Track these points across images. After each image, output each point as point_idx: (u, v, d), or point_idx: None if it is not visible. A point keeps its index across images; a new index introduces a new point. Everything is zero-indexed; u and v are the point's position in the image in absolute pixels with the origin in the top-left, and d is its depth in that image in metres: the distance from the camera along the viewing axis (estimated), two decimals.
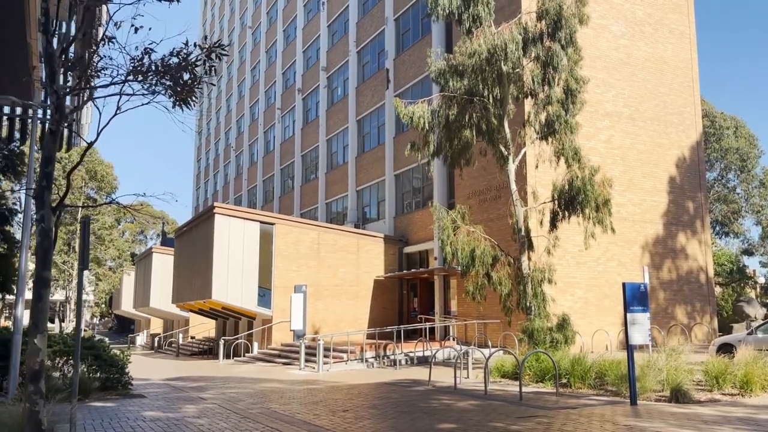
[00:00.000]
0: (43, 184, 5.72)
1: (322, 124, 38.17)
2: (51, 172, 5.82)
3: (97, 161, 41.12)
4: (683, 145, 26.06)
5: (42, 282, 5.60)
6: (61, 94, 5.73)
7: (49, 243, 5.83)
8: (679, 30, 27.01)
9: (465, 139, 17.07)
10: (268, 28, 50.22)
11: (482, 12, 16.30)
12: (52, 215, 5.98)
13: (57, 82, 5.71)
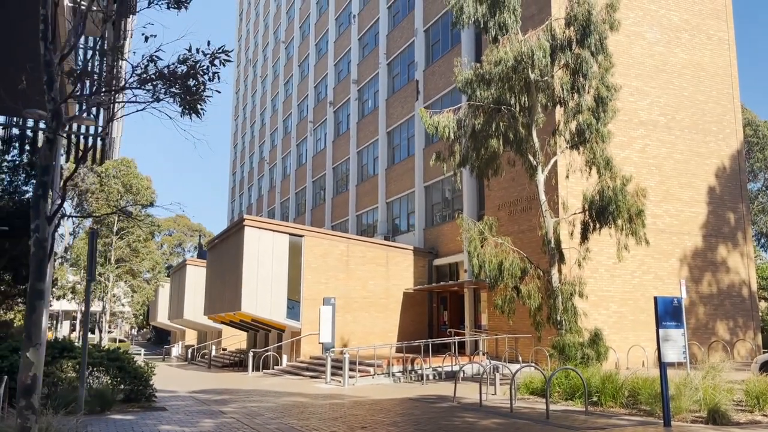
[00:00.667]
0: (39, 192, 5.66)
1: (352, 136, 38.19)
2: (48, 182, 5.75)
3: (133, 174, 41.92)
4: (723, 155, 25.16)
5: (36, 294, 5.50)
6: (59, 102, 5.67)
7: (44, 254, 5.74)
8: (718, 36, 26.18)
9: (492, 148, 16.70)
10: (301, 42, 50.70)
11: (508, 19, 15.99)
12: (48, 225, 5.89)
13: (54, 89, 5.65)
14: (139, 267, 44.77)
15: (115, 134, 19.78)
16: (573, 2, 16.08)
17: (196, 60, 6.47)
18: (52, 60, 5.58)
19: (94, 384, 13.55)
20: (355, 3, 39.80)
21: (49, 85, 5.61)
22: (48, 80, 5.60)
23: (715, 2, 26.44)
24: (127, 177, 40.78)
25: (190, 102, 6.42)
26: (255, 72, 65.12)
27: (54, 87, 5.64)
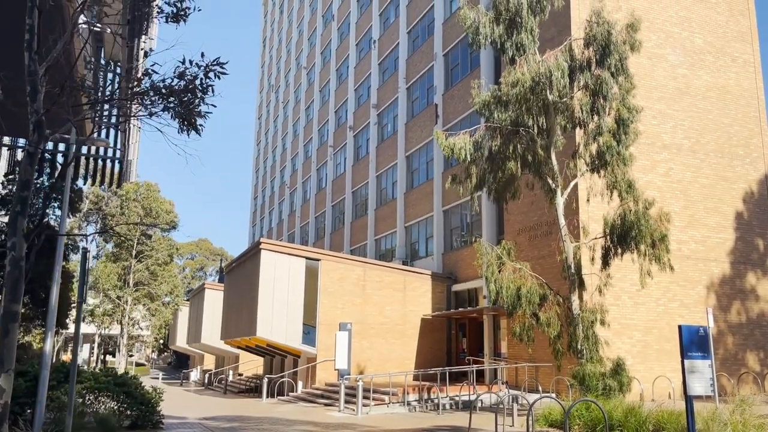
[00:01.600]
0: (18, 209, 5.44)
1: (372, 160, 38.07)
2: (27, 197, 5.55)
3: (153, 198, 42.24)
4: (750, 179, 24.42)
5: (10, 316, 5.26)
6: (41, 114, 5.48)
7: (20, 273, 5.51)
8: (743, 58, 25.63)
9: (509, 171, 16.32)
10: (322, 68, 51.08)
11: (526, 40, 15.73)
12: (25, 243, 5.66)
13: (38, 101, 5.47)
14: (157, 290, 44.84)
15: (132, 156, 19.82)
16: (592, 22, 15.78)
17: (194, 74, 6.27)
18: (37, 70, 5.42)
19: (100, 410, 13.29)
20: (376, 29, 40.02)
21: (32, 96, 5.43)
22: (31, 91, 5.43)
23: (740, 24, 25.96)
24: (148, 200, 41.09)
25: (186, 117, 6.21)
26: (277, 97, 65.76)
27: (37, 99, 5.47)
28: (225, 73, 6.18)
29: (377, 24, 39.99)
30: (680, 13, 24.72)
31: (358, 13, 43.96)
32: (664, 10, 24.38)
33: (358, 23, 43.68)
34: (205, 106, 6.49)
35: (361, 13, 43.28)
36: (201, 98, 6.36)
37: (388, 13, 38.83)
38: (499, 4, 16.29)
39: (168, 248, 45.09)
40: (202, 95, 6.36)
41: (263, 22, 77.38)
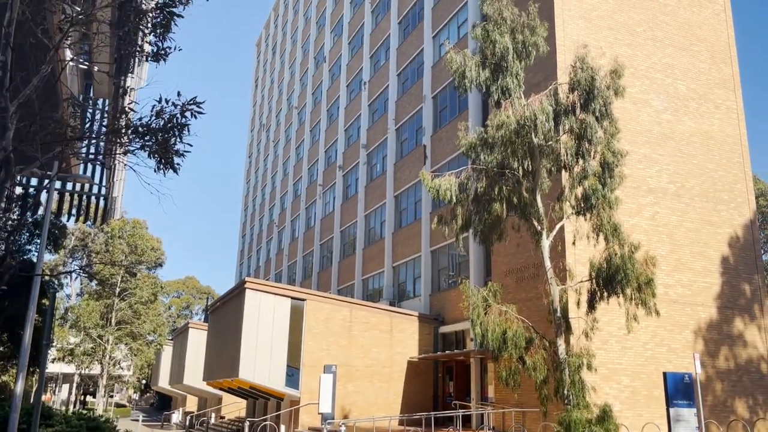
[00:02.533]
0: None
1: (360, 200, 38.11)
2: None
3: (139, 235, 41.89)
4: (735, 224, 24.57)
5: None
6: (9, 151, 5.39)
7: None
8: (726, 105, 26.09)
9: (495, 212, 16.28)
10: (313, 108, 51.55)
11: (511, 84, 15.90)
12: None
13: (7, 138, 5.38)
14: (140, 329, 44.07)
15: (117, 193, 19.70)
16: (576, 68, 16.01)
17: (171, 113, 6.22)
18: (8, 107, 5.35)
19: None
20: (366, 71, 40.56)
21: (1, 133, 5.35)
22: (0, 128, 5.35)
23: (722, 72, 26.50)
24: (134, 238, 40.73)
25: (163, 155, 6.13)
26: (268, 136, 66.15)
27: (6, 136, 5.38)
28: (201, 112, 6.14)
29: (368, 66, 40.55)
30: (663, 60, 25.23)
31: (349, 56, 44.62)
32: (648, 57, 24.88)
33: (349, 65, 44.30)
34: (182, 144, 6.44)
35: (353, 56, 43.93)
36: (178, 137, 6.30)
37: (379, 55, 39.44)
38: (485, 49, 16.52)
39: (153, 286, 44.47)
40: (179, 134, 6.30)
41: (256, 62, 78.39)
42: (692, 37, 26.23)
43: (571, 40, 22.65)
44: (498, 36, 16.33)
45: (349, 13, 45.68)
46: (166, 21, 6.73)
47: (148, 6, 6.92)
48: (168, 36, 6.85)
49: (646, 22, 25.30)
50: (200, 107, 6.26)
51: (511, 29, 16.63)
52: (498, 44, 16.24)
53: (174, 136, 6.27)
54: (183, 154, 6.63)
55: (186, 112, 6.24)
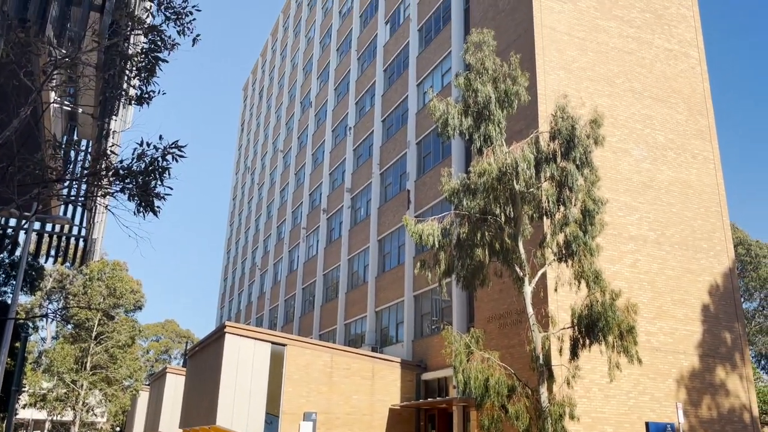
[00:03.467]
0: None
1: (344, 243, 38.04)
2: None
3: (118, 278, 41.28)
4: (715, 272, 24.81)
5: None
6: None
7: None
8: (703, 155, 26.66)
9: (478, 258, 16.33)
10: (298, 152, 51.87)
11: (493, 132, 16.18)
12: None
13: None
14: (116, 374, 42.98)
15: (97, 235, 19.50)
16: (557, 117, 16.35)
17: (153, 156, 6.23)
18: None
19: None
20: (352, 116, 41.06)
21: None
22: None
23: (699, 123, 27.17)
24: (113, 280, 40.11)
25: (143, 198, 6.11)
26: (253, 179, 66.25)
27: None
28: (183, 155, 6.16)
29: (353, 112, 41.07)
30: (642, 111, 25.84)
31: (335, 101, 45.21)
32: (627, 108, 25.48)
33: (334, 110, 44.84)
34: (163, 188, 6.43)
35: (338, 101, 44.52)
36: (158, 180, 6.30)
37: (364, 102, 40.00)
38: (468, 97, 16.86)
39: (131, 330, 43.59)
40: (160, 177, 6.30)
41: (242, 106, 79.10)
42: (669, 89, 26.96)
43: (552, 90, 23.17)
44: (480, 85, 16.69)
45: (335, 60, 46.49)
46: (151, 65, 6.81)
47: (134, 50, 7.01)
48: (152, 80, 6.93)
49: (625, 74, 26.00)
50: (182, 151, 6.28)
51: (493, 79, 17.03)
52: (480, 93, 16.59)
53: (155, 179, 6.27)
54: (163, 197, 6.61)
55: (167, 156, 6.25)
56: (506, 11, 26.36)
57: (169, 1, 6.94)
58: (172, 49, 6.91)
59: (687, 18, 28.92)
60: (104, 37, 6.63)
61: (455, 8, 30.42)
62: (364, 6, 42.48)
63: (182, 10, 6.96)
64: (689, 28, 28.75)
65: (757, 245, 42.39)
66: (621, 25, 26.71)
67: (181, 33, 6.99)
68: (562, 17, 25.18)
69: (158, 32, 6.78)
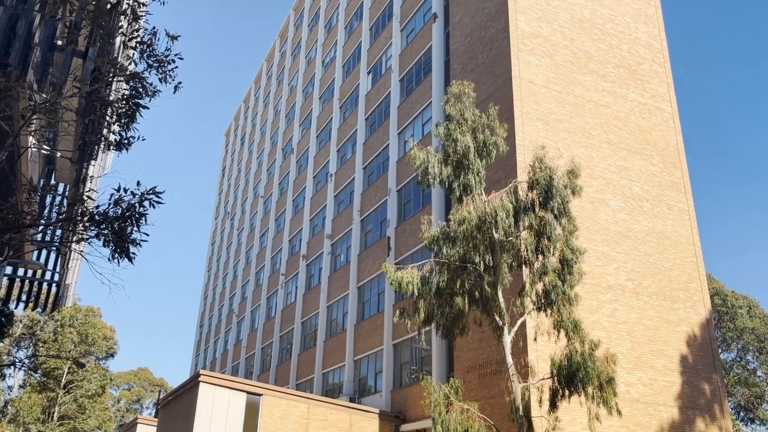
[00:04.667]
0: None
1: (323, 290, 37.72)
2: None
3: (91, 324, 40.29)
4: (693, 323, 24.95)
5: None
6: None
7: None
8: (678, 207, 27.15)
9: (457, 307, 16.27)
10: (279, 198, 51.88)
11: (472, 181, 16.36)
12: None
13: None
14: (84, 425, 41.48)
15: (70, 280, 19.12)
16: (535, 167, 16.61)
17: (132, 203, 6.17)
18: None
19: None
20: (333, 163, 41.33)
21: None
22: None
23: (673, 176, 27.76)
24: (85, 326, 39.13)
25: (119, 244, 6.02)
26: (232, 225, 65.91)
27: None
28: (161, 202, 6.11)
29: (335, 159, 41.37)
30: (618, 162, 26.37)
31: (317, 148, 45.56)
32: (604, 159, 25.99)
33: (316, 157, 45.13)
34: (139, 234, 6.35)
35: (320, 149, 44.87)
36: (135, 226, 6.22)
37: (346, 149, 40.35)
38: (448, 147, 17.10)
39: (101, 378, 42.27)
40: (137, 223, 6.23)
41: (224, 152, 79.33)
42: (644, 141, 27.61)
43: (530, 140, 23.61)
44: (460, 135, 16.96)
45: (318, 108, 47.07)
46: (131, 112, 6.82)
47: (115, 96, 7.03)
48: (132, 126, 6.93)
49: (601, 126, 26.62)
50: (159, 197, 6.23)
51: (473, 129, 17.33)
52: (460, 143, 16.84)
53: (131, 225, 6.20)
54: (140, 244, 6.53)
55: (145, 202, 6.20)
56: (485, 64, 27.03)
57: (152, 49, 7.03)
58: (153, 96, 6.95)
59: (659, 74, 29.89)
60: (86, 83, 6.66)
61: (436, 60, 31.13)
62: (347, 56, 43.32)
63: (165, 58, 7.04)
64: (662, 83, 29.68)
65: (733, 296, 42.82)
66: (597, 80, 27.50)
67: (163, 80, 7.06)
68: (539, 71, 25.87)
69: (140, 79, 6.83)
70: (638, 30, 30.21)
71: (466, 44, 29.13)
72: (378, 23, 39.47)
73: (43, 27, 7.19)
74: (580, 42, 27.84)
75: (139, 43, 7.02)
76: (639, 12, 30.76)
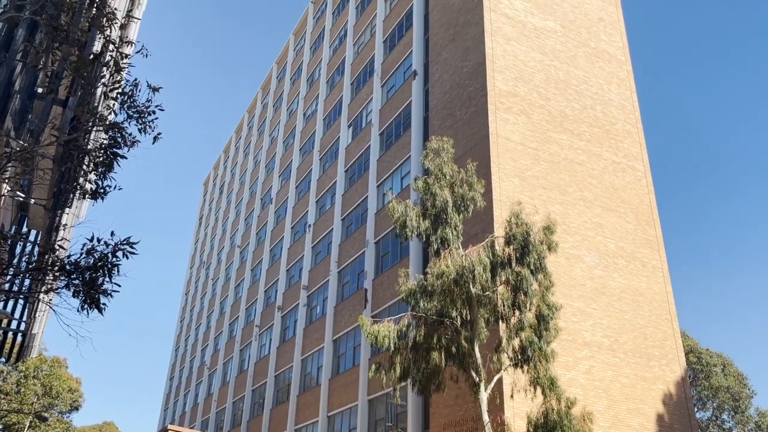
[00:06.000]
0: None
1: (298, 342, 37.08)
2: None
3: (56, 375, 38.95)
4: (668, 381, 24.92)
5: None
6: None
7: None
8: (652, 264, 27.48)
9: (434, 362, 16.08)
10: (256, 248, 51.50)
11: (450, 235, 16.45)
12: None
13: None
14: None
15: (37, 330, 18.57)
16: (512, 223, 16.77)
17: (104, 253, 6.08)
18: None
19: None
20: (312, 214, 41.34)
21: None
22: None
23: (647, 233, 28.21)
24: (49, 378, 37.80)
25: (89, 295, 5.89)
26: (207, 274, 65.05)
27: None
28: (134, 253, 6.03)
29: (313, 210, 41.40)
30: (593, 219, 26.76)
31: (295, 199, 45.61)
32: (579, 216, 26.37)
33: (294, 208, 45.13)
34: (111, 284, 6.23)
35: (299, 199, 44.93)
36: (107, 276, 6.11)
37: (325, 200, 40.46)
38: (426, 200, 17.25)
39: None
40: (109, 274, 6.12)
41: (202, 200, 79.00)
42: (618, 199, 28.14)
43: (507, 196, 23.93)
44: (438, 189, 17.14)
45: (298, 160, 47.36)
46: (109, 161, 6.80)
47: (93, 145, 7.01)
48: (109, 175, 6.90)
49: (576, 183, 27.12)
50: (133, 248, 6.16)
51: (451, 184, 17.53)
52: (438, 197, 17.01)
53: (103, 275, 6.09)
54: (111, 294, 6.39)
55: (118, 252, 6.12)
56: (463, 120, 27.59)
57: (133, 100, 7.07)
58: (132, 146, 6.95)
59: (632, 134, 30.75)
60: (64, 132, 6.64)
61: (415, 115, 31.71)
62: (328, 110, 43.96)
63: (145, 109, 7.07)
64: (634, 143, 30.50)
65: (708, 354, 42.97)
66: (571, 138, 28.17)
67: (143, 131, 7.07)
68: (516, 128, 26.45)
69: (119, 129, 6.83)
70: (611, 92, 31.20)
71: (444, 101, 29.78)
72: (359, 79, 40.28)
73: (24, 75, 7.21)
74: (555, 102, 28.62)
75: (120, 93, 7.06)
76: (612, 75, 31.84)
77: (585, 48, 31.49)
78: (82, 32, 6.64)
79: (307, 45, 52.71)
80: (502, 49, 28.12)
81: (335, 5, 48.55)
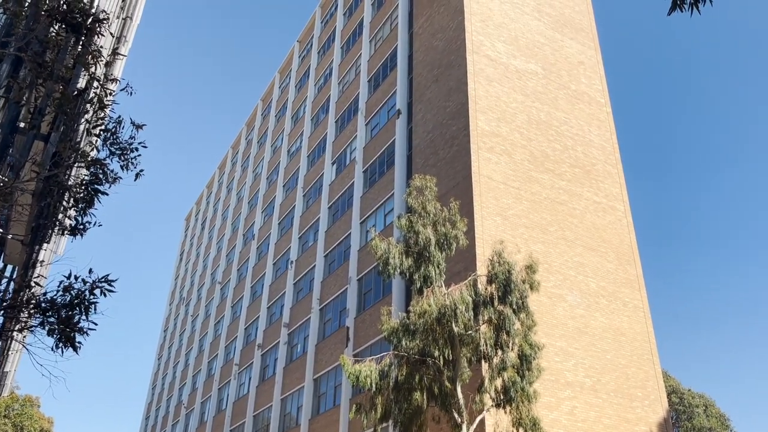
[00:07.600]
0: None
1: (278, 381, 36.44)
2: None
3: (28, 415, 37.80)
4: (651, 422, 24.78)
5: None
6: None
7: None
8: (633, 303, 27.59)
9: (416, 403, 15.89)
10: (237, 284, 50.97)
11: (433, 273, 16.45)
12: None
13: None
14: None
15: (9, 368, 18.10)
16: (494, 262, 16.83)
17: (82, 290, 5.98)
18: None
19: None
20: (294, 250, 41.13)
21: None
22: None
23: (628, 273, 28.40)
24: (21, 417, 36.67)
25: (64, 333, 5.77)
26: (187, 311, 64.11)
27: None
28: (112, 290, 5.94)
29: (296, 246, 41.21)
30: (575, 258, 26.92)
31: (278, 235, 45.41)
32: (561, 255, 26.52)
33: (277, 244, 44.90)
34: (87, 322, 6.12)
35: (281, 235, 44.74)
36: (83, 314, 6.00)
37: (307, 237, 40.33)
38: (409, 238, 17.27)
39: None
40: (85, 312, 6.01)
41: (183, 236, 78.33)
42: (599, 239, 28.38)
43: (489, 234, 24.03)
44: (421, 227, 17.19)
45: (281, 196, 47.34)
46: (89, 197, 6.75)
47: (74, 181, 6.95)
48: (89, 211, 6.83)
49: (558, 222, 27.35)
50: (112, 285, 6.06)
51: (434, 222, 17.61)
52: (421, 235, 17.05)
53: (79, 313, 5.98)
54: (87, 332, 6.27)
55: (96, 290, 6.02)
56: (446, 159, 27.86)
57: (116, 136, 7.06)
58: (113, 182, 6.92)
59: (612, 174, 31.21)
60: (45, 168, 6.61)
61: (398, 154, 31.97)
62: (312, 147, 44.19)
63: (128, 146, 7.06)
64: (615, 183, 30.94)
65: (690, 394, 42.95)
66: (553, 178, 28.51)
67: (125, 168, 7.05)
68: (498, 168, 26.75)
69: (101, 166, 6.81)
70: (591, 133, 31.77)
71: (428, 140, 30.10)
72: (344, 117, 40.67)
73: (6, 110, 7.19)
74: (537, 142, 29.05)
75: (103, 130, 7.05)
76: (592, 116, 32.47)
77: (566, 90, 32.15)
78: (66, 69, 6.65)
79: (292, 83, 53.25)
80: (484, 90, 28.62)
81: (320, 44, 49.29)
